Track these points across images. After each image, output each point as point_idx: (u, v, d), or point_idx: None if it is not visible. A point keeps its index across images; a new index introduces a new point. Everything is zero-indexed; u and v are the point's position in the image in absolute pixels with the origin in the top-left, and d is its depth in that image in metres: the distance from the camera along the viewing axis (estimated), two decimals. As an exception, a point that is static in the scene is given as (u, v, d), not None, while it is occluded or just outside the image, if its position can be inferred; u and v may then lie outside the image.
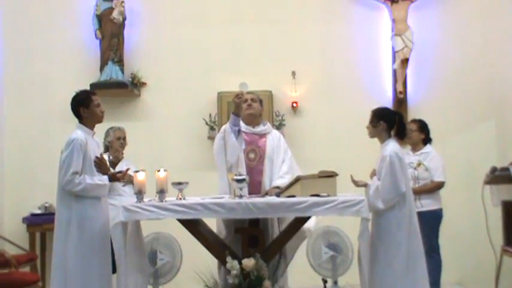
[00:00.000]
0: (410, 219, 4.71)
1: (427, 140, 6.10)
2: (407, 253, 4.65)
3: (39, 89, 7.34)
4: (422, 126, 6.09)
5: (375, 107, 5.02)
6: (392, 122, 4.86)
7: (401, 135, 4.93)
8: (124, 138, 6.13)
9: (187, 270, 5.86)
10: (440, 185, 5.95)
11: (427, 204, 5.84)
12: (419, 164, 5.96)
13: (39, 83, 7.35)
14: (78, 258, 4.48)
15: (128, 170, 4.88)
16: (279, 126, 7.04)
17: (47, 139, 7.09)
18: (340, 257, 6.17)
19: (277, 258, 4.93)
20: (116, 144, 6.04)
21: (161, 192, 4.65)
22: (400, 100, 7.15)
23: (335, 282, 6.17)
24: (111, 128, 6.11)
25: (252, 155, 5.23)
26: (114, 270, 4.84)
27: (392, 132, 4.88)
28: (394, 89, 7.20)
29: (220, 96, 7.19)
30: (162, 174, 4.69)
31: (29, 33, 7.38)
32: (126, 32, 7.26)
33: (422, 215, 5.13)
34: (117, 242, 4.96)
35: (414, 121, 6.18)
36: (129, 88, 7.21)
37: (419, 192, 5.79)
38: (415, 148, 6.10)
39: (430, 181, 5.92)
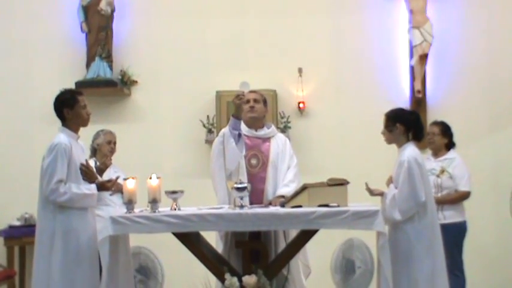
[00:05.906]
0: (432, 232, 4.73)
1: (450, 145, 6.10)
2: (430, 271, 4.65)
3: (17, 87, 7.38)
4: (445, 129, 6.09)
5: (390, 107, 5.06)
6: (409, 123, 4.89)
7: (418, 137, 4.96)
8: (114, 143, 6.16)
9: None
10: (465, 195, 5.97)
11: (449, 216, 5.86)
12: (442, 171, 5.96)
13: (17, 81, 7.39)
14: (62, 275, 4.51)
15: (117, 178, 4.92)
16: (283, 129, 7.09)
17: (26, 143, 7.15)
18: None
19: (284, 275, 4.95)
20: (105, 148, 6.06)
21: (153, 202, 4.68)
22: (419, 100, 7.19)
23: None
24: (102, 130, 6.13)
25: (254, 161, 5.26)
26: None
27: (410, 135, 4.91)
28: (412, 88, 7.24)
29: (219, 95, 7.24)
30: (154, 182, 4.72)
31: (5, 25, 7.43)
32: (115, 24, 7.31)
33: (444, 228, 5.13)
34: (105, 259, 4.97)
35: (436, 124, 6.17)
36: (119, 87, 7.27)
37: (442, 202, 5.80)
38: (437, 154, 6.09)
39: (455, 190, 5.95)
